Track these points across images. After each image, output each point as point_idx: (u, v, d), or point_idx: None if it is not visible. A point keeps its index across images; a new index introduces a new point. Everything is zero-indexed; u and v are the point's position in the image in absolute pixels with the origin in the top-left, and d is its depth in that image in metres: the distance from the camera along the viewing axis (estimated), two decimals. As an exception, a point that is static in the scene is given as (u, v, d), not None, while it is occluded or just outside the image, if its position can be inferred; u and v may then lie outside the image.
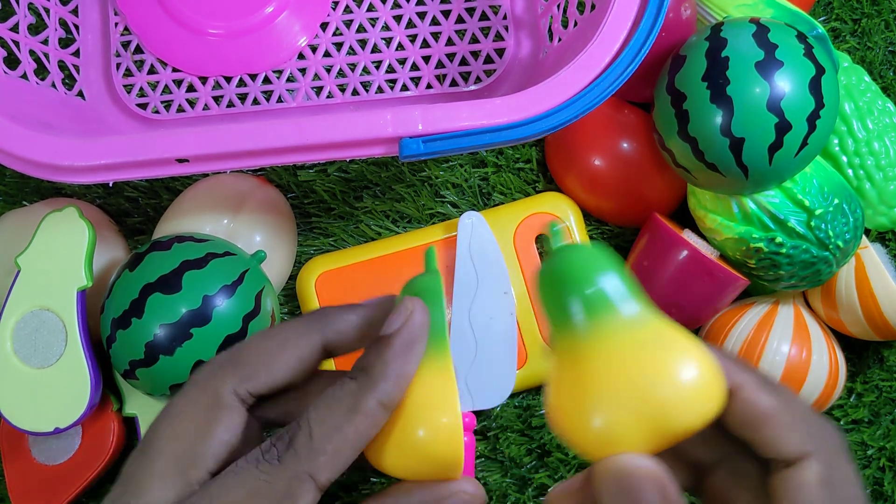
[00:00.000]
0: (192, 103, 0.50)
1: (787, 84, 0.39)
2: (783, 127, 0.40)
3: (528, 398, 0.49)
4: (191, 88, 0.50)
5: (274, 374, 0.28)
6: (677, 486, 0.25)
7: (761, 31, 0.41)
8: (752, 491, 0.27)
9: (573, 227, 0.49)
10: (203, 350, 0.41)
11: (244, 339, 0.40)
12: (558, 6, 0.47)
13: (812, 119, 0.40)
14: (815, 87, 0.40)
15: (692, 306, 0.45)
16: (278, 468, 0.26)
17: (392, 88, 0.50)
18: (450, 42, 0.50)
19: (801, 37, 0.41)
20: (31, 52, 0.46)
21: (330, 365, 0.47)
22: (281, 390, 0.29)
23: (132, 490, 0.27)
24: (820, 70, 0.40)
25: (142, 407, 0.46)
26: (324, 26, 0.50)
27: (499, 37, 0.50)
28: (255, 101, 0.50)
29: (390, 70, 0.50)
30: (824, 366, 0.44)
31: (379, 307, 0.30)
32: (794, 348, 0.44)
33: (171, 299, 0.40)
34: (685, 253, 0.45)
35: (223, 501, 0.26)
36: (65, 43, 0.49)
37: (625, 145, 0.47)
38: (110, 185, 0.49)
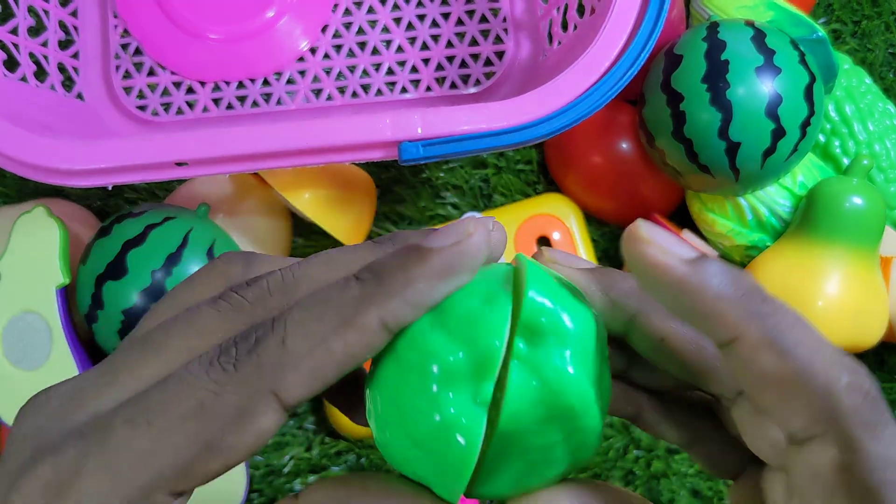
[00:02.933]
0: (191, 105, 0.50)
1: (784, 91, 0.40)
2: (778, 133, 0.40)
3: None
4: (190, 90, 0.50)
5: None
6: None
7: (759, 36, 0.41)
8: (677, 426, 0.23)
9: (574, 229, 0.49)
10: None
11: None
12: (558, 9, 0.47)
13: (804, 126, 0.40)
14: (808, 94, 0.40)
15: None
16: (233, 377, 0.20)
17: (392, 91, 0.50)
18: (449, 44, 0.50)
19: (794, 43, 0.41)
20: (31, 55, 0.45)
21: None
22: None
23: (105, 372, 0.22)
24: (812, 78, 0.41)
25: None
26: (324, 29, 0.50)
27: (498, 39, 0.50)
28: (255, 104, 0.50)
29: (390, 72, 0.50)
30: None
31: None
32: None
33: (122, 285, 0.41)
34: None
35: (161, 418, 0.20)
36: (64, 45, 0.49)
37: (624, 146, 0.47)
38: (109, 187, 0.49)
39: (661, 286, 0.20)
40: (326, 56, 0.50)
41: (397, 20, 0.50)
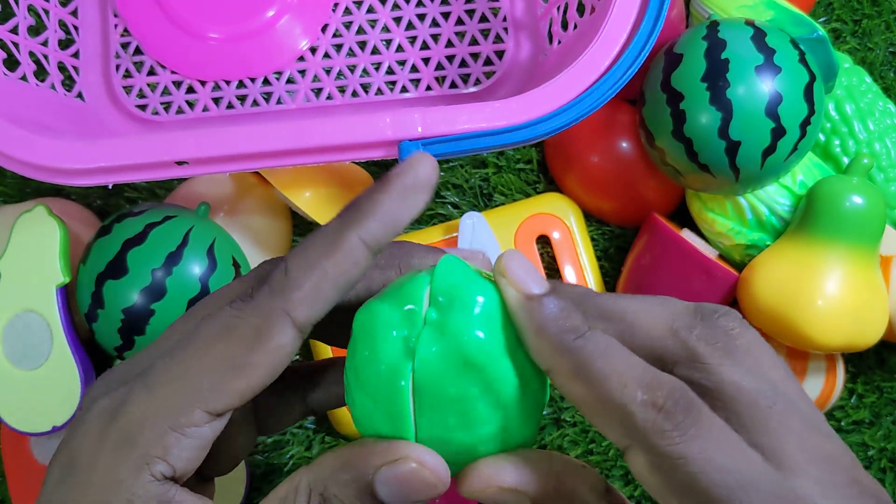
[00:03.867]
0: (191, 104, 0.50)
1: (784, 90, 0.40)
2: (778, 132, 0.40)
3: (529, 400, 0.49)
4: (190, 90, 0.50)
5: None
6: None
7: (759, 35, 0.41)
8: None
9: (574, 229, 0.49)
10: (171, 321, 0.40)
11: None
12: (558, 8, 0.47)
13: (804, 125, 0.40)
14: (808, 94, 0.40)
15: (692, 307, 0.45)
16: (250, 304, 0.24)
17: (392, 90, 0.50)
18: (449, 44, 0.50)
19: (794, 42, 0.41)
20: (31, 54, 0.46)
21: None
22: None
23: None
24: (812, 77, 0.41)
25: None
26: (324, 28, 0.50)
27: (498, 39, 0.50)
28: (255, 103, 0.50)
29: (390, 72, 0.50)
30: (821, 372, 0.44)
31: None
32: (789, 359, 0.44)
33: (122, 283, 0.41)
34: (684, 252, 0.45)
35: (194, 345, 0.24)
36: (64, 44, 0.49)
37: (624, 145, 0.47)
38: (110, 187, 0.49)
39: (510, 313, 0.24)
40: (326, 55, 0.50)
41: (397, 20, 0.50)
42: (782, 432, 0.23)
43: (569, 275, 0.48)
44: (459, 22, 0.50)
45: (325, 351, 0.47)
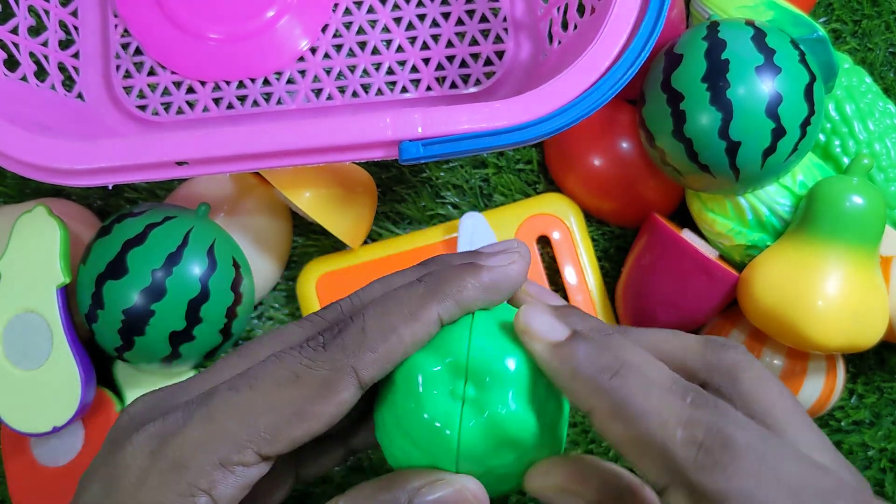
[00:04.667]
0: (191, 105, 0.50)
1: (784, 90, 0.40)
2: (779, 132, 0.40)
3: (529, 400, 0.49)
4: (190, 90, 0.50)
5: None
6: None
7: (759, 35, 0.41)
8: None
9: (574, 229, 0.49)
10: (170, 321, 0.41)
11: (208, 300, 0.41)
12: (558, 9, 0.47)
13: (804, 126, 0.40)
14: (808, 94, 0.40)
15: (690, 306, 0.45)
16: (322, 355, 0.25)
17: (392, 90, 0.50)
18: (449, 44, 0.50)
19: (794, 43, 0.41)
20: (31, 54, 0.46)
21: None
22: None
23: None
24: (812, 77, 0.41)
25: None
26: (324, 29, 0.50)
27: (498, 39, 0.50)
28: (255, 104, 0.50)
29: (390, 72, 0.50)
30: (821, 372, 0.44)
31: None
32: (790, 359, 0.44)
33: (122, 284, 0.41)
34: (684, 252, 0.45)
35: (261, 382, 0.25)
36: (64, 45, 0.49)
37: (624, 145, 0.47)
38: (110, 187, 0.49)
39: (541, 367, 0.25)
40: (327, 56, 0.50)
41: (397, 20, 0.50)
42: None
43: (569, 275, 0.48)
44: (459, 22, 0.51)
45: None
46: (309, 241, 0.50)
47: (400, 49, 0.50)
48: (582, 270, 0.49)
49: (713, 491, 0.22)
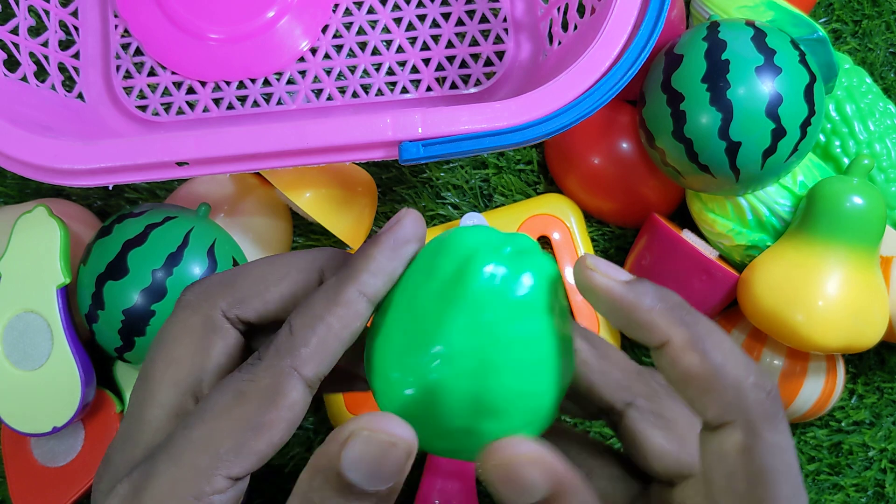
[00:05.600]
0: (191, 105, 0.50)
1: (784, 91, 0.40)
2: (779, 133, 0.40)
3: (529, 400, 0.49)
4: (191, 91, 0.50)
5: (266, 303, 0.27)
6: (563, 461, 0.23)
7: (759, 36, 0.41)
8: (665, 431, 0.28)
9: (574, 229, 0.49)
10: None
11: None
12: (558, 9, 0.47)
13: (804, 126, 0.40)
14: (808, 94, 0.40)
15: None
16: (260, 366, 0.25)
17: (392, 91, 0.50)
18: (450, 44, 0.50)
19: (795, 43, 0.41)
20: (31, 55, 0.46)
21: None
22: (273, 322, 0.28)
23: (137, 425, 0.27)
24: (812, 78, 0.41)
25: (142, 409, 0.46)
26: (324, 29, 0.50)
27: (499, 39, 0.50)
28: (255, 104, 0.50)
29: (390, 72, 0.50)
30: (821, 372, 0.44)
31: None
32: (790, 359, 0.44)
33: (123, 285, 0.41)
34: (684, 253, 0.45)
35: (211, 412, 0.25)
36: (65, 45, 0.49)
37: (624, 146, 0.47)
38: (110, 187, 0.49)
39: (606, 303, 0.25)
40: (327, 56, 0.50)
41: (398, 20, 0.50)
42: None
43: (569, 275, 0.48)
44: (460, 23, 0.51)
45: (338, 400, 0.47)
46: (309, 241, 0.50)
47: (400, 49, 0.50)
48: (582, 271, 0.49)
49: (771, 436, 0.23)
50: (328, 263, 0.28)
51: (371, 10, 0.51)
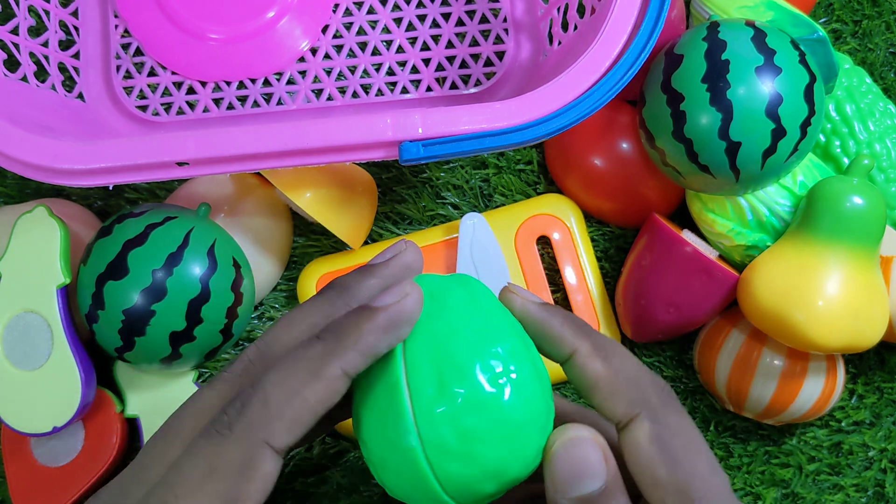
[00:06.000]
0: (192, 105, 0.50)
1: (784, 91, 0.40)
2: (779, 133, 0.40)
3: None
4: (191, 91, 0.50)
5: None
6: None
7: (759, 36, 0.41)
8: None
9: (574, 229, 0.49)
10: (171, 321, 0.41)
11: (208, 300, 0.41)
12: (558, 9, 0.47)
13: (804, 126, 0.40)
14: (808, 94, 0.40)
15: (690, 306, 0.45)
16: (231, 438, 0.25)
17: (392, 91, 0.50)
18: (450, 45, 0.50)
19: (794, 43, 0.41)
20: (32, 55, 0.46)
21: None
22: None
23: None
24: (812, 78, 0.41)
25: (144, 408, 0.46)
26: (324, 29, 0.50)
27: (499, 40, 0.50)
28: (255, 104, 0.50)
29: (390, 73, 0.50)
30: (821, 372, 0.44)
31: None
32: (790, 359, 0.44)
33: (123, 284, 0.41)
34: (684, 253, 0.45)
35: (183, 488, 0.25)
36: (65, 45, 0.49)
37: (624, 146, 0.47)
38: (110, 187, 0.49)
39: (524, 319, 0.28)
40: (327, 56, 0.50)
41: (398, 20, 0.50)
42: None
43: (569, 275, 0.48)
44: (460, 23, 0.51)
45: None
46: (309, 241, 0.50)
47: (400, 49, 0.50)
48: (582, 270, 0.49)
49: (675, 420, 0.27)
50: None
51: (371, 11, 0.51)
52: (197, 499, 0.24)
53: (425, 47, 0.50)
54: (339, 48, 0.51)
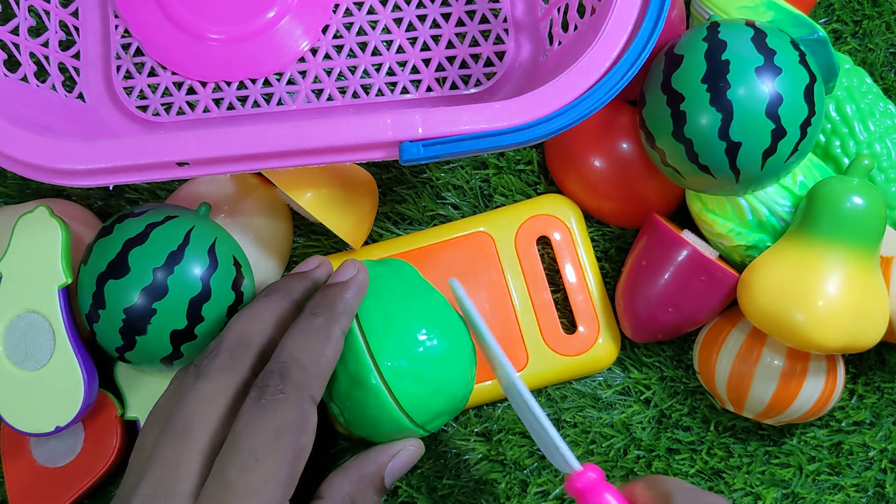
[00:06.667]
0: (192, 105, 0.50)
1: (784, 91, 0.40)
2: (779, 133, 0.40)
3: (529, 400, 0.49)
4: (191, 91, 0.50)
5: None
6: None
7: (759, 36, 0.41)
8: None
9: (574, 229, 0.49)
10: (172, 320, 0.41)
11: (209, 299, 0.41)
12: (558, 9, 0.47)
13: (804, 126, 0.40)
14: (808, 95, 0.40)
15: (690, 306, 0.45)
16: (286, 401, 0.30)
17: (392, 91, 0.50)
18: (450, 45, 0.50)
19: (795, 43, 0.41)
20: (32, 55, 0.46)
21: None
22: None
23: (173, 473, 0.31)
24: (812, 78, 0.41)
25: (144, 411, 0.46)
26: (324, 29, 0.50)
27: (499, 40, 0.50)
28: (256, 104, 0.50)
29: (390, 73, 0.50)
30: (821, 372, 0.44)
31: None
32: (790, 359, 0.44)
33: (124, 283, 0.40)
34: (684, 253, 0.45)
35: (259, 451, 0.29)
36: (65, 45, 0.49)
37: (624, 146, 0.47)
38: (111, 188, 0.49)
39: None
40: (327, 56, 0.50)
41: (398, 21, 0.50)
42: None
43: (569, 275, 0.48)
44: (460, 23, 0.51)
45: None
46: (310, 241, 0.50)
47: (400, 50, 0.50)
48: (582, 271, 0.49)
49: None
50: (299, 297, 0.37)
51: (371, 11, 0.51)
52: (276, 456, 0.29)
53: (425, 47, 0.50)
54: (339, 48, 0.51)
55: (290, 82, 0.50)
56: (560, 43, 0.47)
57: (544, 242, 0.50)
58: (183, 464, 0.30)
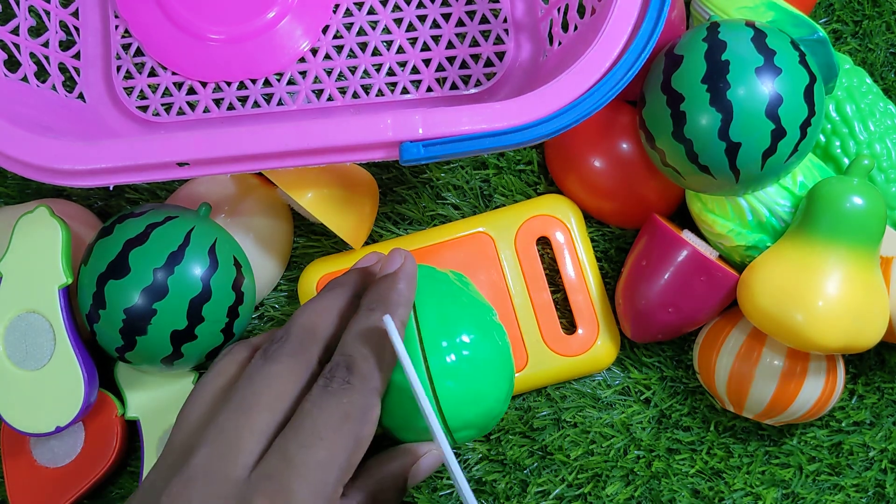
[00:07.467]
0: (192, 106, 0.50)
1: (784, 91, 0.40)
2: (778, 133, 0.40)
3: (530, 400, 0.49)
4: (191, 91, 0.50)
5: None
6: None
7: (759, 36, 0.41)
8: None
9: (574, 230, 0.49)
10: (172, 320, 0.41)
11: (209, 299, 0.42)
12: (559, 10, 0.47)
13: (804, 127, 0.40)
14: (808, 95, 0.40)
15: (690, 306, 0.45)
16: (353, 389, 0.31)
17: (392, 91, 0.50)
18: (450, 45, 0.50)
19: (795, 44, 0.41)
20: (32, 55, 0.46)
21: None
22: None
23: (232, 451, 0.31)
24: (812, 78, 0.41)
25: (144, 411, 0.46)
26: (324, 30, 0.50)
27: (499, 40, 0.50)
28: (256, 104, 0.50)
29: (390, 73, 0.50)
30: (821, 373, 0.44)
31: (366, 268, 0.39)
32: (790, 359, 0.44)
33: (124, 283, 0.41)
34: (684, 253, 0.45)
35: (323, 431, 0.30)
36: (65, 45, 0.49)
37: (624, 146, 0.47)
38: (111, 188, 0.49)
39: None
40: (327, 57, 0.50)
41: (398, 21, 0.51)
42: None
43: (569, 276, 0.48)
44: (460, 23, 0.51)
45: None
46: (310, 241, 0.50)
47: (400, 50, 0.50)
48: (582, 271, 0.49)
49: None
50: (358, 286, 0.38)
51: (371, 11, 0.51)
52: (338, 439, 0.30)
53: (425, 48, 0.50)
54: (339, 48, 0.51)
55: (290, 82, 0.50)
56: (560, 43, 0.47)
57: (544, 243, 0.50)
58: (244, 438, 0.30)
